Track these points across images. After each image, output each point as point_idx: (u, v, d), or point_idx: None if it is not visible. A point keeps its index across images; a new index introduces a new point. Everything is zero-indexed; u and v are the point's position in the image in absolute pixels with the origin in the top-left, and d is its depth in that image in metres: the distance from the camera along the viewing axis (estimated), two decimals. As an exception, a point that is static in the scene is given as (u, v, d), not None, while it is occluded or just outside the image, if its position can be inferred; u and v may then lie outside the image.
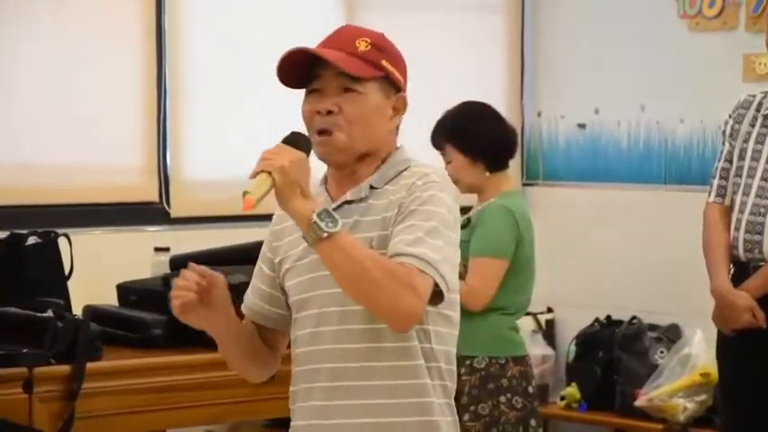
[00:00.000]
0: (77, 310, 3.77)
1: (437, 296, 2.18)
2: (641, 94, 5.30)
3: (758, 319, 3.58)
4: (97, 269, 4.15)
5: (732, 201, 3.70)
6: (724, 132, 3.78)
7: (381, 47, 2.27)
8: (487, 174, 3.89)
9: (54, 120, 4.57)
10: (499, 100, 5.16)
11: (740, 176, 3.68)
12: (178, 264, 4.04)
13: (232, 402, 3.73)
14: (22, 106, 4.52)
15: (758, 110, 3.70)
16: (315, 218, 2.11)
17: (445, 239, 2.17)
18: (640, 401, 4.74)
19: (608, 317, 5.20)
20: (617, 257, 5.28)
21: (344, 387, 2.25)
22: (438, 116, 3.97)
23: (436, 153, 3.96)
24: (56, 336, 3.42)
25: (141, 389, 3.58)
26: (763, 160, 3.64)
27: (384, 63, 2.26)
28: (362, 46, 2.25)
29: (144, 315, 3.79)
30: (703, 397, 4.69)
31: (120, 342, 3.73)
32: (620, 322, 5.13)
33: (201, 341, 3.73)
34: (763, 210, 3.61)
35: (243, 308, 2.43)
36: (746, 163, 3.67)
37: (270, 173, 2.14)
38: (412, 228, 2.17)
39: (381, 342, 2.21)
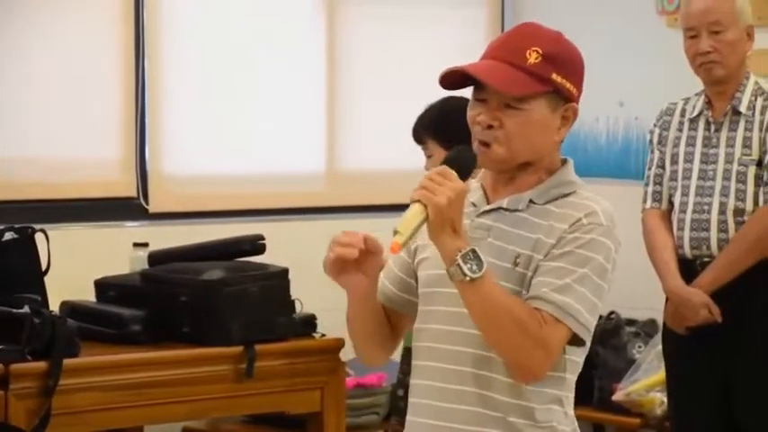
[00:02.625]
0: (54, 306, 3.75)
1: (576, 340, 2.15)
2: (620, 90, 5.31)
3: (714, 314, 3.63)
4: (75, 265, 4.13)
5: (670, 204, 3.78)
6: (651, 141, 3.87)
7: (554, 57, 2.18)
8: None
9: (30, 114, 4.54)
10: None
11: (675, 180, 3.77)
12: (156, 259, 4.04)
13: (211, 398, 3.73)
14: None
15: (683, 115, 3.80)
16: (459, 260, 2.06)
17: (593, 288, 2.13)
18: (618, 396, 4.75)
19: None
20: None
21: (459, 391, 2.19)
22: (419, 111, 3.97)
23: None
24: (32, 332, 3.41)
25: (119, 385, 3.58)
26: (696, 161, 3.73)
27: (554, 77, 2.17)
28: (533, 58, 2.17)
29: (122, 311, 3.79)
30: (681, 392, 4.71)
31: (98, 338, 3.72)
32: (598, 317, 5.15)
33: (180, 337, 3.77)
34: (706, 207, 3.68)
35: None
36: (680, 166, 3.75)
37: (426, 205, 2.09)
38: (561, 271, 2.13)
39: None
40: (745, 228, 3.63)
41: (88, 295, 3.98)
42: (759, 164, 3.65)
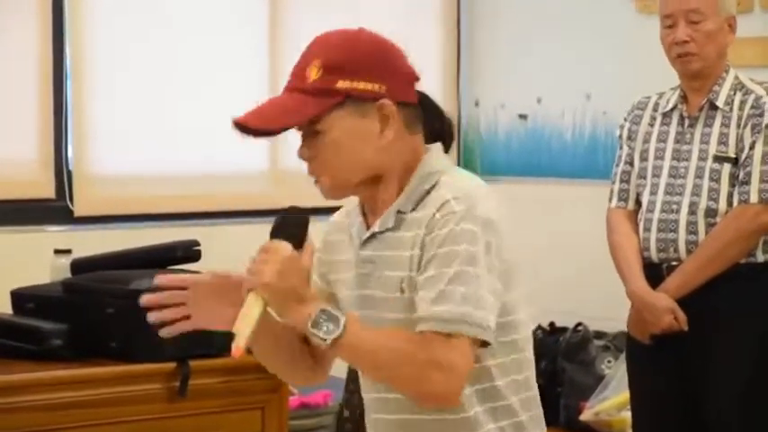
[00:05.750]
0: (-33, 319, 3.72)
1: (484, 343, 2.15)
2: (587, 82, 5.32)
3: (679, 321, 3.64)
4: (-11, 273, 4.11)
5: (638, 202, 3.81)
6: (620, 136, 3.89)
7: (336, 64, 2.18)
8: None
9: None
10: (433, 87, 5.14)
11: (644, 177, 3.79)
12: (80, 267, 4.00)
13: (141, 420, 3.73)
14: None
15: (655, 109, 3.82)
16: (310, 328, 2.09)
17: (471, 280, 2.12)
18: (586, 415, 4.76)
19: (551, 324, 5.21)
20: (561, 258, 5.29)
21: (403, 421, 2.24)
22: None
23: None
24: (-58, 348, 3.38)
25: (40, 406, 3.55)
26: (668, 157, 3.75)
27: (340, 85, 2.18)
28: (313, 74, 2.19)
29: (42, 324, 3.77)
30: (653, 410, 4.73)
31: (16, 354, 3.70)
32: (564, 329, 5.15)
33: (107, 352, 3.74)
34: (674, 206, 3.70)
35: None
36: (650, 163, 3.78)
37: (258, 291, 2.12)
38: (432, 280, 2.13)
39: None
40: (717, 230, 3.64)
41: (4, 307, 3.95)
42: (735, 162, 3.66)
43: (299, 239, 2.16)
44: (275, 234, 2.17)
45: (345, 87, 2.18)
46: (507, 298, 2.19)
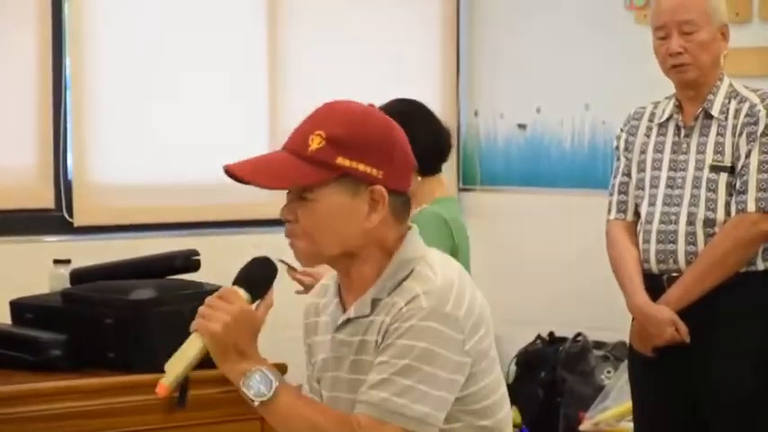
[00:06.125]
0: (-34, 329, 3.72)
1: None
2: (586, 92, 5.33)
3: (681, 333, 3.64)
4: (-12, 284, 4.10)
5: (636, 214, 3.80)
6: (617, 148, 3.88)
7: (340, 140, 2.19)
8: (419, 178, 3.87)
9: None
10: (432, 97, 5.16)
11: (642, 188, 3.78)
12: (79, 278, 4.00)
13: (140, 430, 3.72)
14: None
15: (651, 120, 3.81)
16: (242, 387, 2.14)
17: (421, 377, 2.12)
18: (585, 426, 4.75)
19: (551, 334, 5.22)
20: (560, 269, 5.30)
21: None
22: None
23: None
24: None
25: (39, 416, 3.54)
26: (665, 168, 3.74)
27: (339, 161, 2.17)
28: (315, 143, 2.19)
29: (41, 335, 3.76)
30: (653, 420, 4.72)
31: (15, 364, 3.69)
32: (563, 339, 5.15)
33: (105, 363, 3.73)
34: (673, 217, 3.69)
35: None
36: (648, 173, 3.77)
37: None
38: (382, 366, 2.14)
39: None
40: (716, 240, 3.63)
41: (2, 317, 3.94)
42: (731, 171, 3.66)
43: (260, 292, 2.18)
44: (238, 281, 2.18)
45: (344, 165, 2.18)
46: (478, 386, 2.19)
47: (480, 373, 2.20)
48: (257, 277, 2.20)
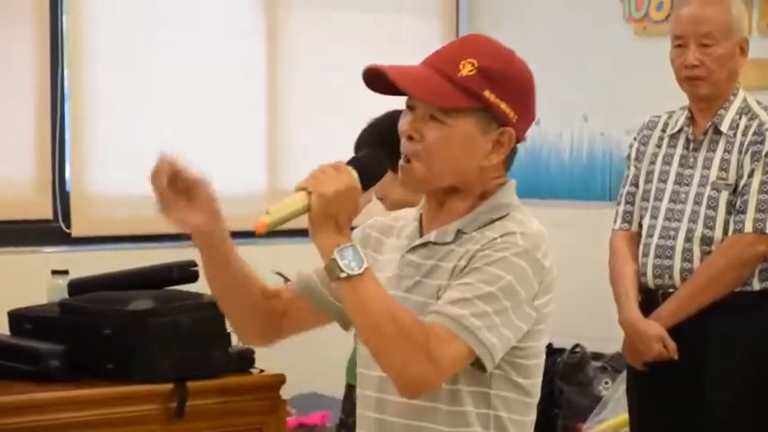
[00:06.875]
0: (-36, 339, 3.71)
1: (479, 366, 2.12)
2: (584, 104, 5.34)
3: (669, 350, 3.62)
4: (-14, 294, 4.10)
5: (639, 226, 3.77)
6: (628, 156, 3.86)
7: (491, 73, 2.17)
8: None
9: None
10: (431, 109, 5.16)
11: (647, 200, 3.75)
12: (78, 288, 4.00)
13: (138, 441, 3.70)
14: None
15: (664, 130, 3.78)
16: (336, 255, 2.07)
17: (499, 309, 2.10)
18: (584, 437, 4.76)
19: (549, 345, 5.17)
20: (558, 279, 5.29)
21: None
22: (365, 124, 3.96)
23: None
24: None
25: (37, 427, 3.53)
26: (670, 181, 3.71)
27: (486, 94, 2.16)
28: (466, 69, 2.16)
29: (39, 345, 3.75)
30: None
31: (12, 375, 3.68)
32: (561, 351, 5.16)
33: (103, 373, 3.73)
34: (672, 233, 3.67)
35: (295, 274, 2.39)
36: (654, 185, 3.74)
37: (310, 193, 2.10)
38: (465, 287, 2.12)
39: (427, 401, 2.16)
40: (711, 258, 3.61)
41: (1, 328, 3.93)
42: (735, 189, 3.62)
43: (366, 183, 2.14)
44: (352, 163, 2.15)
45: (489, 99, 2.17)
46: (528, 345, 2.18)
47: (536, 333, 2.19)
48: (368, 170, 2.16)
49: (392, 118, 3.86)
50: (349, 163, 2.15)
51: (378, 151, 2.22)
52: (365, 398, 2.28)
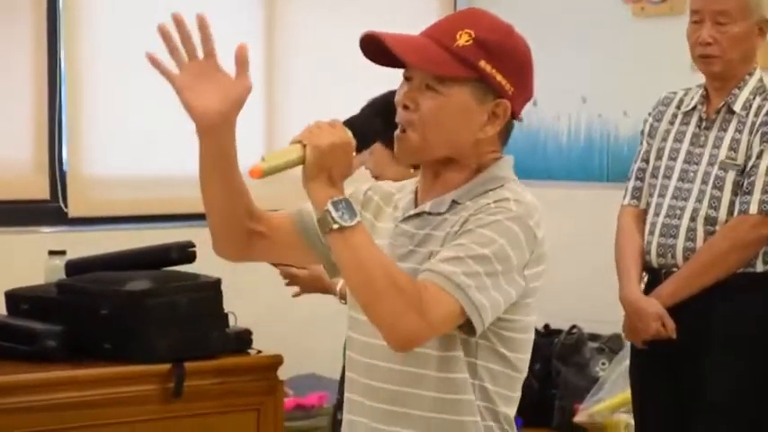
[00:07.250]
0: (-39, 319, 3.72)
1: (469, 328, 2.11)
2: (582, 86, 5.33)
3: (667, 328, 3.60)
4: (-17, 275, 4.10)
5: (648, 203, 3.75)
6: (642, 132, 3.82)
7: (487, 44, 2.17)
8: (412, 170, 3.88)
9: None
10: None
11: (656, 177, 3.72)
12: (75, 269, 4.00)
13: (135, 421, 3.73)
14: None
15: (678, 107, 3.75)
16: (329, 205, 2.07)
17: (491, 271, 2.09)
18: (580, 417, 4.76)
19: (546, 326, 5.22)
20: (555, 261, 5.29)
21: (376, 408, 2.23)
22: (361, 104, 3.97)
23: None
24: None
25: (34, 407, 3.55)
26: (680, 159, 3.68)
27: (482, 64, 2.16)
28: (462, 39, 2.17)
29: (36, 325, 3.76)
30: (648, 412, 4.73)
31: (9, 355, 3.70)
32: (558, 332, 5.16)
33: (101, 353, 3.74)
34: (678, 212, 3.64)
35: (295, 209, 2.39)
36: (663, 162, 3.71)
37: (305, 145, 2.11)
38: (458, 247, 2.11)
39: (420, 368, 2.17)
40: (714, 239, 3.59)
41: (-2, 308, 3.95)
42: (743, 170, 3.59)
43: (361, 142, 2.15)
44: (347, 123, 2.16)
45: (485, 69, 2.17)
46: (515, 317, 2.17)
47: (524, 307, 2.18)
48: (362, 131, 2.17)
49: (390, 95, 3.87)
50: (344, 123, 2.16)
51: (376, 119, 2.22)
52: (353, 361, 2.29)
